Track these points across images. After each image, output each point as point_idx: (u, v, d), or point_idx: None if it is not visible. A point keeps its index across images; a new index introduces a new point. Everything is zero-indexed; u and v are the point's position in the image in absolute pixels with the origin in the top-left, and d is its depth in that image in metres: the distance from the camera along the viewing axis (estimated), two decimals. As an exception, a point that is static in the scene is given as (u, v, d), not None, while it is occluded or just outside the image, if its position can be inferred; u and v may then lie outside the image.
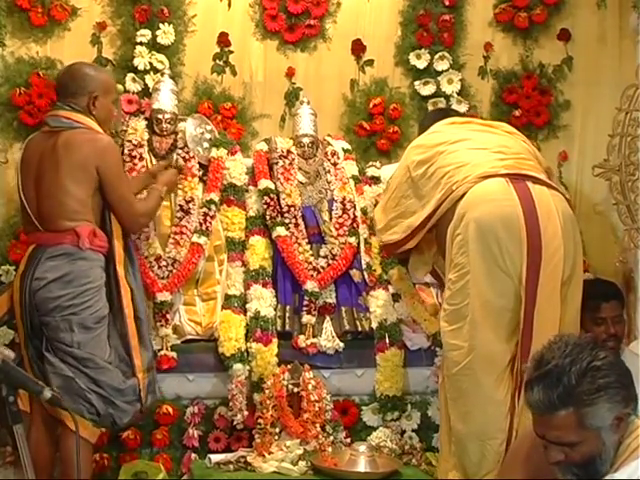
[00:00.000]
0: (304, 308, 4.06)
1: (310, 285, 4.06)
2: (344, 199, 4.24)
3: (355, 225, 4.22)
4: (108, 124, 3.77)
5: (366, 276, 4.17)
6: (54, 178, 3.52)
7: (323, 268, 4.13)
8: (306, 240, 4.17)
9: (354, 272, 4.18)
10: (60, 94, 3.70)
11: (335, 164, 4.34)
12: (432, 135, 3.70)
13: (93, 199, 3.56)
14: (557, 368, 2.22)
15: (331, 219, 4.23)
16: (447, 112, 4.15)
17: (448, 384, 3.33)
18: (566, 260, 3.31)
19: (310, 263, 4.13)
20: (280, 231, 4.13)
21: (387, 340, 4.02)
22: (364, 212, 4.25)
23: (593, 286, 3.77)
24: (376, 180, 4.36)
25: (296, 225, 4.17)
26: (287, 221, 4.16)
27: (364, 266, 4.18)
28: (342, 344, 4.02)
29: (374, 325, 4.07)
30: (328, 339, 4.02)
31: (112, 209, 3.61)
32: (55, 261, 3.47)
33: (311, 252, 4.16)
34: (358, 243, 4.20)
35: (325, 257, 4.15)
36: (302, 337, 4.00)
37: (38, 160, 3.58)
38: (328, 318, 4.09)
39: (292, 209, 4.17)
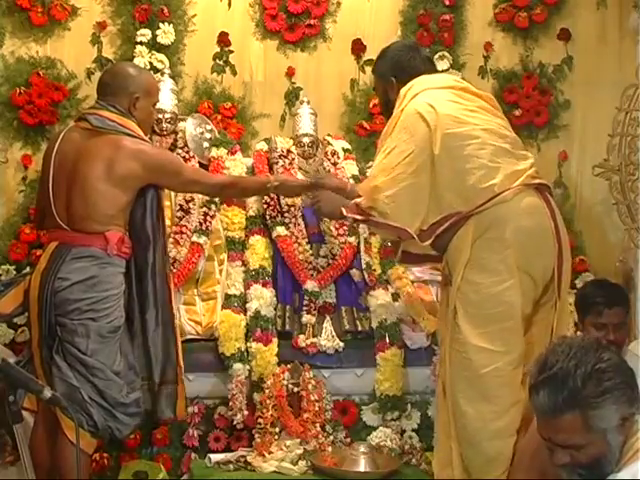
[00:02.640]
0: (304, 308, 4.06)
1: (310, 285, 4.06)
2: None
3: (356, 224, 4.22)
4: (147, 127, 3.65)
5: (366, 276, 4.17)
6: (93, 180, 3.38)
7: (323, 268, 4.13)
8: (306, 240, 4.17)
9: (354, 272, 4.17)
10: (100, 92, 3.57)
11: (335, 164, 4.34)
12: (449, 105, 3.39)
13: (129, 204, 3.46)
14: (562, 371, 2.20)
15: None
16: (430, 59, 3.83)
17: (465, 384, 3.31)
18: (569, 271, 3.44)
19: (310, 263, 4.13)
20: (280, 231, 4.13)
21: (387, 340, 4.02)
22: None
23: (599, 289, 3.76)
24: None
25: (296, 225, 4.17)
26: (287, 221, 4.16)
27: (364, 266, 4.18)
28: (342, 344, 4.02)
29: (374, 325, 4.07)
30: (328, 339, 4.02)
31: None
32: (81, 263, 3.36)
33: (311, 252, 4.16)
34: (358, 242, 4.20)
35: (325, 257, 4.15)
36: (302, 337, 4.00)
37: (76, 157, 3.42)
38: (328, 318, 4.09)
39: (292, 209, 4.17)
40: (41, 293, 3.36)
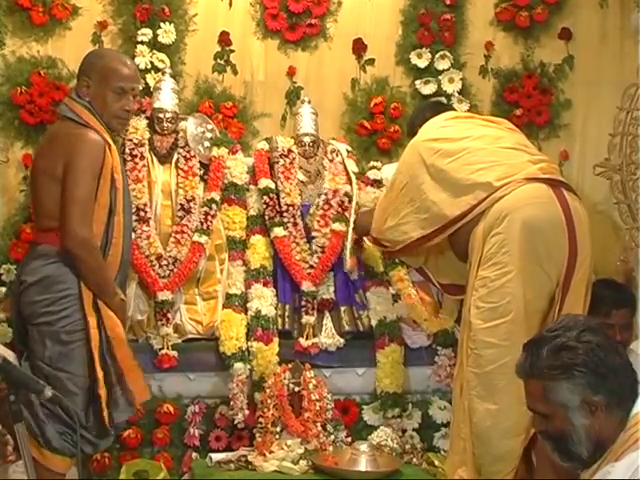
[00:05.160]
0: (302, 309, 4.06)
1: (305, 285, 4.06)
2: (329, 189, 4.21)
3: (341, 210, 4.18)
4: (108, 117, 3.41)
5: (347, 262, 4.09)
6: (36, 172, 3.35)
7: (316, 264, 4.12)
8: (304, 239, 4.17)
9: (349, 268, 4.14)
10: None
11: (332, 160, 4.32)
12: (444, 130, 3.67)
13: None
14: (541, 339, 2.31)
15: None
16: (443, 105, 4.15)
17: (476, 381, 3.33)
18: (590, 267, 3.44)
19: (307, 262, 4.13)
20: (278, 232, 4.13)
21: (387, 337, 4.03)
22: (359, 205, 4.22)
23: (607, 290, 3.76)
24: (378, 183, 4.33)
25: (294, 224, 4.17)
26: (286, 220, 4.16)
27: (348, 251, 4.10)
28: (342, 339, 4.03)
29: (374, 323, 4.07)
30: (328, 336, 4.03)
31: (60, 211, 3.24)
32: (35, 263, 3.26)
33: (309, 251, 4.16)
34: (347, 228, 4.14)
35: (316, 252, 4.14)
36: (302, 340, 4.00)
37: (35, 154, 3.46)
38: (328, 315, 4.10)
39: (291, 208, 4.17)
40: (13, 298, 3.33)
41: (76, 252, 3.20)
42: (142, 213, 3.97)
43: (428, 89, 4.51)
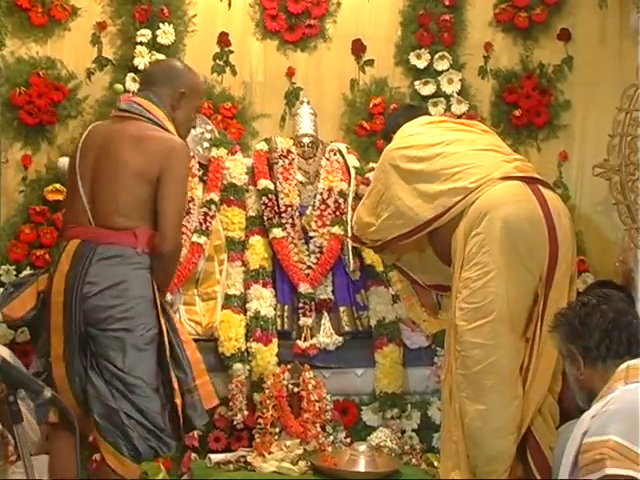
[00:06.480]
0: (299, 310, 4.06)
1: (303, 287, 4.06)
2: (324, 188, 4.23)
3: (339, 213, 4.20)
4: (185, 131, 3.35)
5: (351, 262, 4.14)
6: (116, 169, 3.11)
7: (314, 264, 4.12)
8: (302, 240, 4.18)
9: (349, 269, 4.16)
10: (143, 83, 3.41)
11: (329, 158, 4.32)
12: (417, 137, 3.67)
13: (151, 197, 3.13)
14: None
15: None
16: (416, 109, 4.14)
17: (465, 383, 3.33)
18: (572, 261, 3.42)
19: (304, 263, 4.13)
20: (276, 233, 4.13)
21: (385, 337, 4.03)
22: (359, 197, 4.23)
23: None
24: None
25: (293, 225, 4.17)
26: (284, 221, 4.16)
27: (350, 252, 4.13)
28: (340, 338, 4.04)
29: (373, 323, 4.08)
30: (327, 335, 4.03)
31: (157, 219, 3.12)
32: (109, 263, 3.06)
33: (307, 252, 4.16)
34: (346, 232, 4.15)
35: (314, 252, 4.15)
36: (300, 342, 4.00)
37: (100, 146, 3.18)
38: (326, 315, 4.10)
39: (289, 209, 4.18)
40: (68, 299, 3.05)
41: (171, 256, 3.18)
42: (141, 214, 3.97)
43: (427, 90, 4.51)
